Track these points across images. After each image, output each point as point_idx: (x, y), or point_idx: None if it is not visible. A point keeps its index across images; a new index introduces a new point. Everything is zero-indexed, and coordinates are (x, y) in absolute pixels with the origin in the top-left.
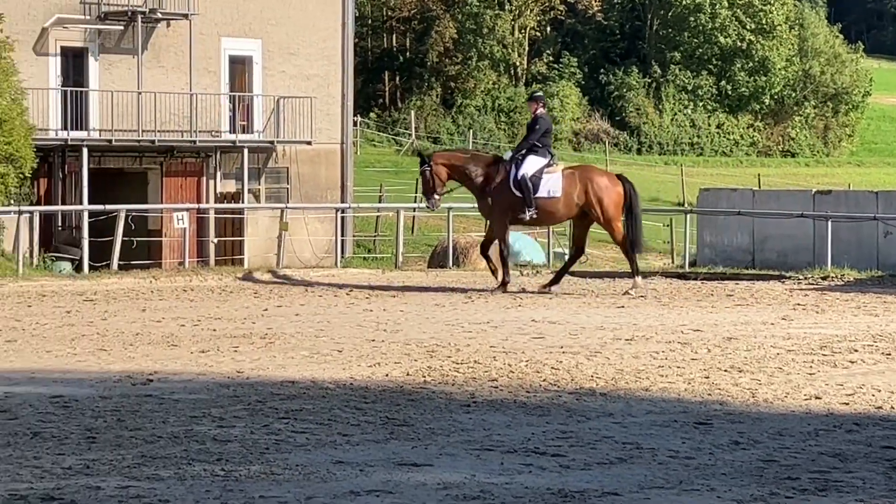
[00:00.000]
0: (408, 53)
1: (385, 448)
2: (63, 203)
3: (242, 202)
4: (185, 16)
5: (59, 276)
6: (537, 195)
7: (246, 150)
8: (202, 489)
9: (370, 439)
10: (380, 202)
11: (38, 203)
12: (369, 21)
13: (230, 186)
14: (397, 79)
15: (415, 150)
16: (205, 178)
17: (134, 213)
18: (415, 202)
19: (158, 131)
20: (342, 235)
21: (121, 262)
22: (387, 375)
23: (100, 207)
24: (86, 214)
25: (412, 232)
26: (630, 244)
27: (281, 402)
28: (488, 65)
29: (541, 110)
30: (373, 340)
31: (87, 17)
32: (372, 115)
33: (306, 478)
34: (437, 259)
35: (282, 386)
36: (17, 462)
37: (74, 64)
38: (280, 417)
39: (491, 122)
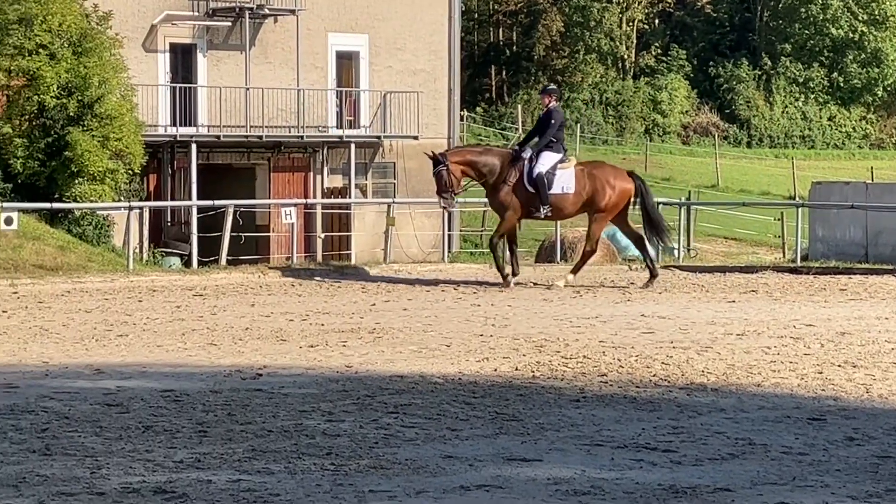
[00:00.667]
0: (514, 47)
1: (494, 443)
2: (172, 199)
3: (349, 197)
4: (293, 11)
5: (169, 272)
6: (551, 191)
7: (353, 146)
8: (312, 483)
9: (479, 434)
10: (486, 197)
11: (148, 199)
12: (475, 15)
13: (337, 181)
14: (504, 73)
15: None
16: (312, 174)
17: (242, 209)
18: None
19: (266, 127)
20: (449, 230)
21: (229, 258)
22: (495, 370)
23: (208, 203)
24: (194, 210)
25: (519, 227)
26: (649, 239)
27: (390, 396)
28: (595, 58)
29: (554, 104)
30: (481, 335)
31: (196, 14)
32: (478, 109)
33: (415, 472)
34: (545, 254)
35: (390, 380)
36: (130, 455)
37: (183, 60)
38: (389, 412)
39: (598, 115)
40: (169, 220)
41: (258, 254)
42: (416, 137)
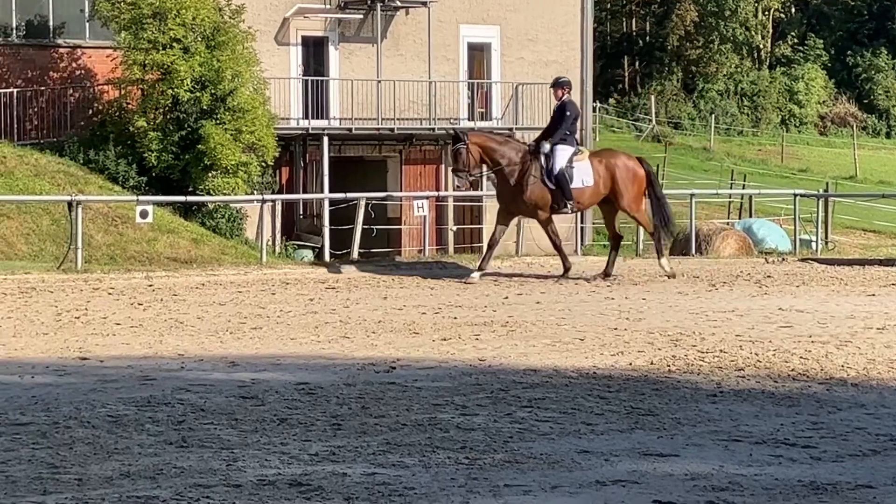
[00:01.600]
0: (647, 38)
1: (630, 438)
2: (304, 191)
3: (481, 190)
4: (424, 3)
5: (301, 264)
6: (572, 186)
7: None
8: (447, 477)
9: (615, 429)
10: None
11: (280, 191)
12: (608, 5)
13: None
14: (637, 63)
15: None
16: (443, 166)
17: (373, 201)
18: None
19: (398, 119)
20: (582, 223)
21: (361, 250)
22: (630, 364)
23: (340, 196)
24: (326, 202)
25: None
26: (659, 228)
27: (523, 390)
28: (730, 48)
29: (567, 96)
30: (615, 329)
31: (328, 7)
32: (611, 100)
33: (551, 467)
34: (680, 246)
35: (524, 374)
36: (265, 448)
37: (315, 53)
38: (523, 406)
39: (734, 106)
40: (301, 212)
41: (390, 246)
42: None
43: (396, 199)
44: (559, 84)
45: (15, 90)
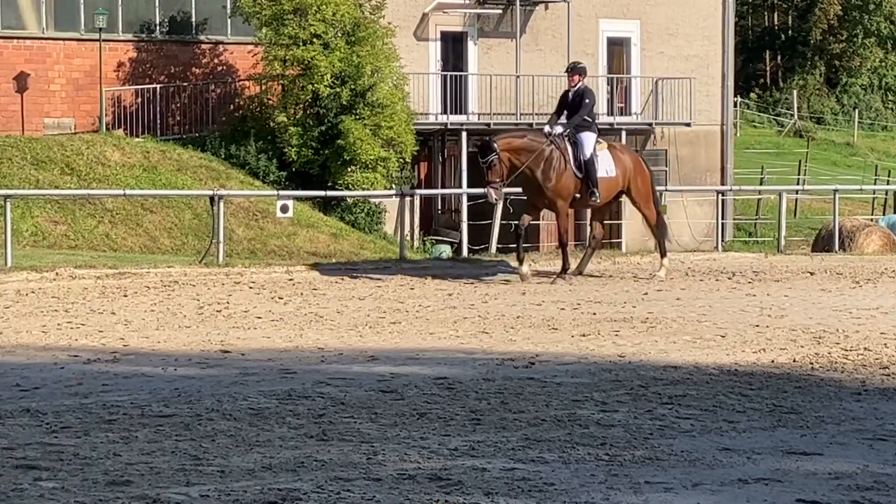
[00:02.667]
0: (790, 32)
1: (773, 436)
2: (442, 186)
3: None
4: None
5: (440, 259)
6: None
7: (623, 133)
8: (587, 473)
9: (757, 426)
10: (761, 184)
11: (419, 186)
12: None
13: None
14: (779, 58)
15: (483, 142)
16: None
17: (512, 197)
18: (797, 184)
19: (536, 114)
20: (722, 219)
21: (499, 246)
22: (772, 362)
23: (479, 191)
24: (464, 197)
25: (794, 215)
26: (662, 227)
27: (664, 387)
28: (875, 42)
29: (582, 83)
30: (757, 326)
31: (467, 2)
32: (752, 95)
33: (692, 464)
34: (822, 243)
35: (664, 371)
36: (405, 442)
37: (454, 48)
38: (663, 403)
39: (878, 101)
40: (439, 207)
41: (527, 242)
42: (688, 124)
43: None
44: (576, 70)
45: (158, 86)
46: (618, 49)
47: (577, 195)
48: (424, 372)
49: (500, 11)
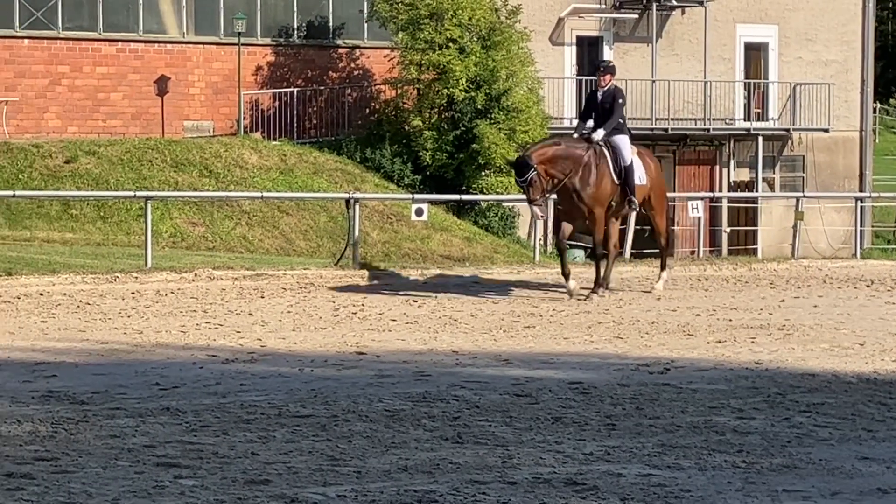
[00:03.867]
0: None
1: None
2: None
3: (756, 191)
4: (701, 2)
5: (573, 264)
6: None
7: (760, 138)
8: (723, 480)
9: None
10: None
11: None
12: (890, 4)
13: (744, 175)
14: None
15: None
16: (718, 167)
17: None
18: None
19: (672, 119)
20: (860, 226)
21: (632, 251)
22: None
23: None
24: None
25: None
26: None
27: (801, 394)
28: None
29: (613, 82)
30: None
31: (603, 6)
32: (892, 101)
33: (830, 473)
34: None
35: (802, 378)
36: (540, 446)
37: (589, 52)
38: (801, 411)
39: None
40: None
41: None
42: (826, 130)
43: (670, 200)
44: (607, 69)
45: (295, 90)
46: (755, 54)
47: (614, 203)
48: (559, 376)
49: (637, 16)
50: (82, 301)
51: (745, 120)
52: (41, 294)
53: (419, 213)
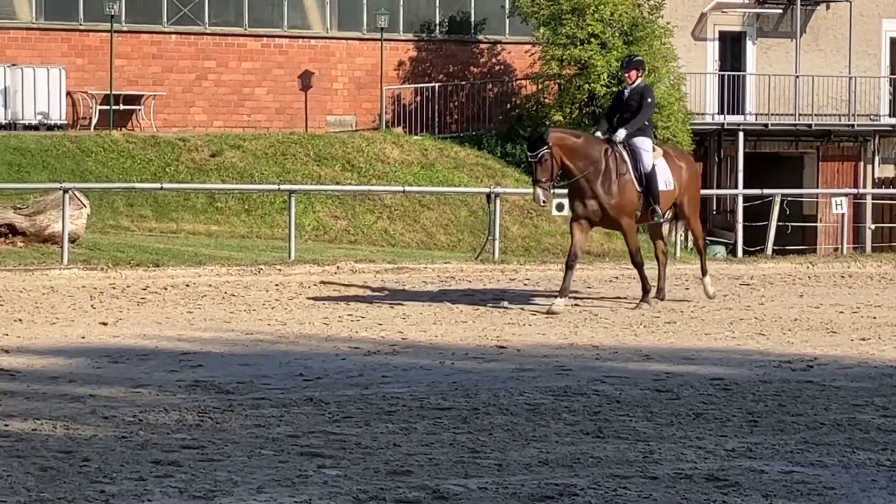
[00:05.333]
0: None
1: None
2: (718, 187)
3: None
4: None
5: (714, 260)
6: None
7: None
8: (868, 478)
9: None
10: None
11: None
12: None
13: (888, 171)
14: None
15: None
16: (862, 163)
17: (789, 198)
18: None
19: (815, 115)
20: None
21: (775, 247)
22: None
23: (755, 192)
24: (740, 198)
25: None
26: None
27: None
28: None
29: (642, 79)
30: None
31: (746, 2)
32: None
33: None
34: None
35: None
36: (681, 442)
37: (731, 48)
38: None
39: None
40: (714, 208)
41: (804, 244)
42: None
43: (812, 197)
44: (633, 64)
45: (437, 85)
46: None
47: (638, 212)
48: (700, 372)
49: (780, 11)
50: (227, 292)
51: (890, 116)
52: (187, 285)
53: (560, 208)
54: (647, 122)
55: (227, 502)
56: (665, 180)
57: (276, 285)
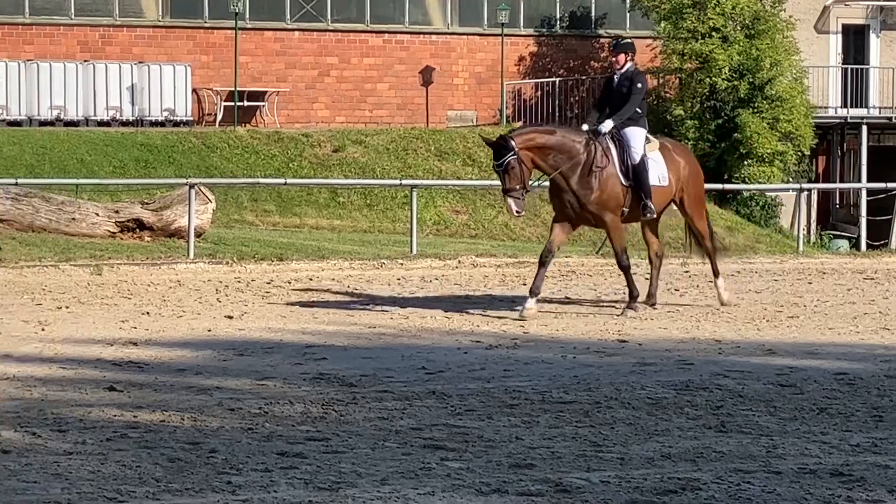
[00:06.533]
0: None
1: None
2: (840, 181)
3: None
4: None
5: (838, 254)
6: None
7: None
8: None
9: None
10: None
11: (816, 181)
12: None
13: None
14: None
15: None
16: None
17: None
18: None
19: None
20: None
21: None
22: None
23: (879, 185)
24: (864, 192)
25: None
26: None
27: None
28: None
29: (631, 64)
30: None
31: None
32: None
33: None
34: None
35: None
36: (805, 437)
37: (854, 41)
38: None
39: None
40: (837, 202)
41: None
42: None
43: None
44: (621, 48)
45: (557, 79)
46: None
47: (625, 208)
48: (824, 366)
49: None
50: (350, 286)
51: None
52: (311, 279)
53: None
54: (638, 111)
55: (352, 494)
56: (659, 175)
57: (398, 279)
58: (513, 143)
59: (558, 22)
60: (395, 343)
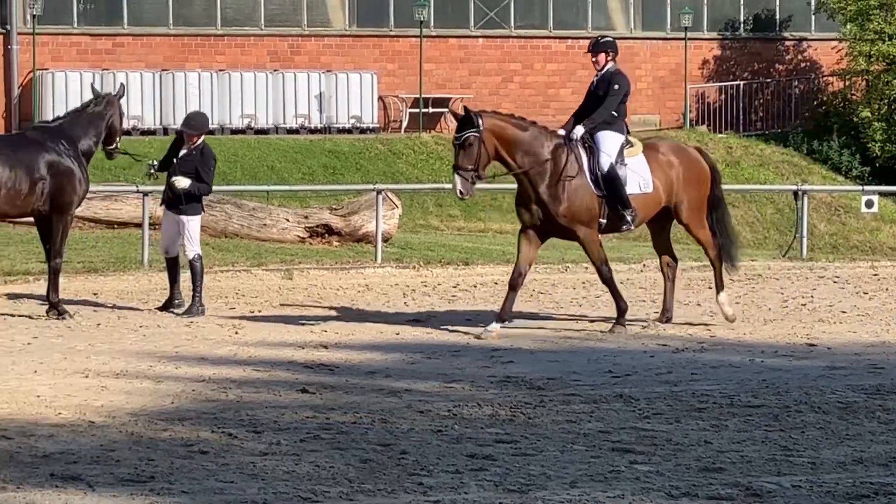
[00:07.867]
0: None
1: None
2: None
3: None
4: None
5: None
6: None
7: None
8: None
9: None
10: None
11: None
12: None
13: None
14: None
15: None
16: None
17: None
18: None
19: None
20: None
21: None
22: None
23: None
24: None
25: None
26: (722, 251)
27: None
28: None
29: (612, 64)
30: None
31: None
32: None
33: None
34: None
35: None
36: None
37: None
38: None
39: None
40: None
41: None
42: None
43: None
44: (600, 46)
45: (741, 83)
46: None
47: (602, 220)
48: None
49: None
50: (535, 290)
51: None
52: (496, 283)
53: (869, 204)
54: (614, 114)
55: (542, 496)
56: (640, 182)
57: (583, 283)
58: (480, 121)
59: (742, 25)
60: (582, 346)
